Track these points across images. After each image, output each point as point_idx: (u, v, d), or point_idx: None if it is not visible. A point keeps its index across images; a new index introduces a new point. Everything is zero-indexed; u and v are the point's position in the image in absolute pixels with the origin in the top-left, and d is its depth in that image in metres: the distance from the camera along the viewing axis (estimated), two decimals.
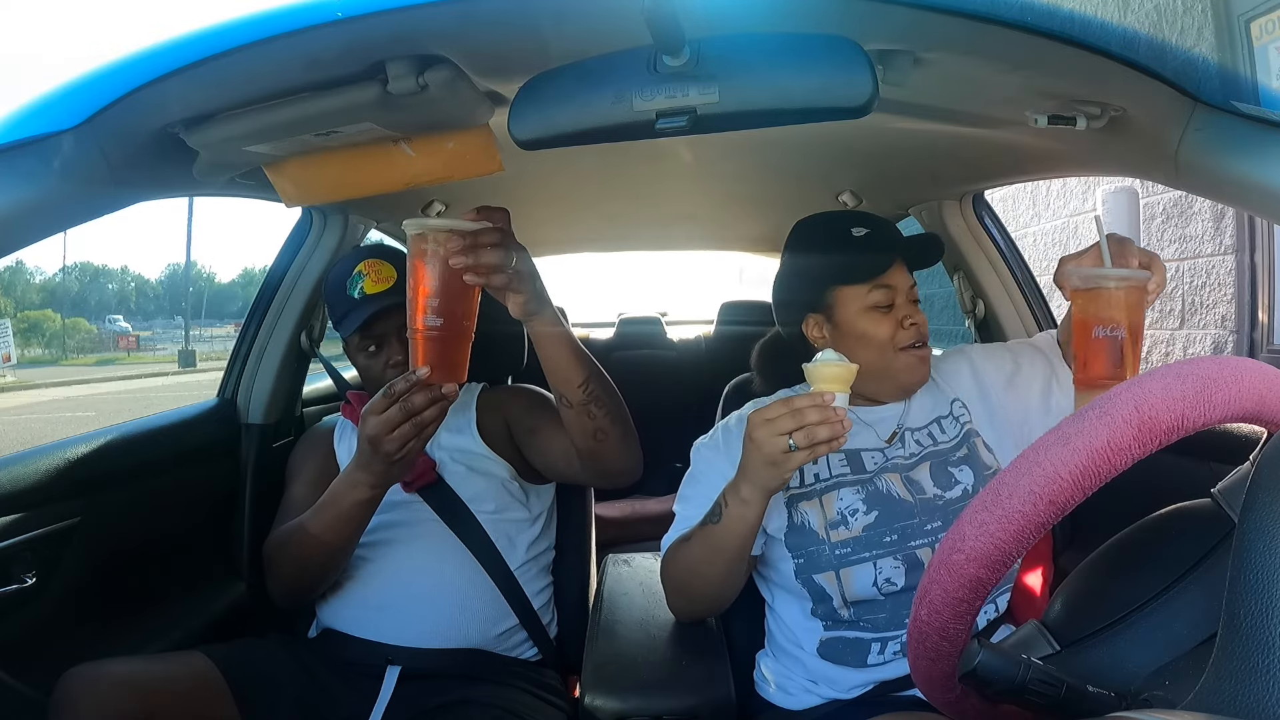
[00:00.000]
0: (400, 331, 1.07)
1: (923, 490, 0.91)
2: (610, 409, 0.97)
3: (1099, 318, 0.76)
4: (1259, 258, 2.29)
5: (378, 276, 1.09)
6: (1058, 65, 0.68)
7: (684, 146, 1.28)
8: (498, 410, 1.17)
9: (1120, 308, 0.75)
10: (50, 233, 0.70)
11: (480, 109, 0.78)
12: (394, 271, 1.10)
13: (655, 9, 0.54)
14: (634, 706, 0.89)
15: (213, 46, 0.63)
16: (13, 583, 0.91)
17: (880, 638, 0.89)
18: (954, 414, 0.98)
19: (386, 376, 1.08)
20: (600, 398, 0.96)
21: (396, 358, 1.09)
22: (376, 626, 1.02)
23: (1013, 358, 0.99)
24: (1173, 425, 0.40)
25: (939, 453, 0.94)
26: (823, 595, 0.90)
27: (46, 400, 13.83)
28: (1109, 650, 0.48)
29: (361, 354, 1.11)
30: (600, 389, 0.96)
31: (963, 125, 0.91)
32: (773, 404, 0.77)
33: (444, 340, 0.83)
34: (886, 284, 0.94)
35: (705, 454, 0.98)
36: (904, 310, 0.94)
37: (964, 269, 1.47)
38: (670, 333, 2.68)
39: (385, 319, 1.08)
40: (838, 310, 0.95)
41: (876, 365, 0.93)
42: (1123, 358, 0.75)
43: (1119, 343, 0.75)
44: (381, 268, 1.10)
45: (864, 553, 0.88)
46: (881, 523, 0.89)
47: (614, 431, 0.99)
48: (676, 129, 0.65)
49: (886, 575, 0.88)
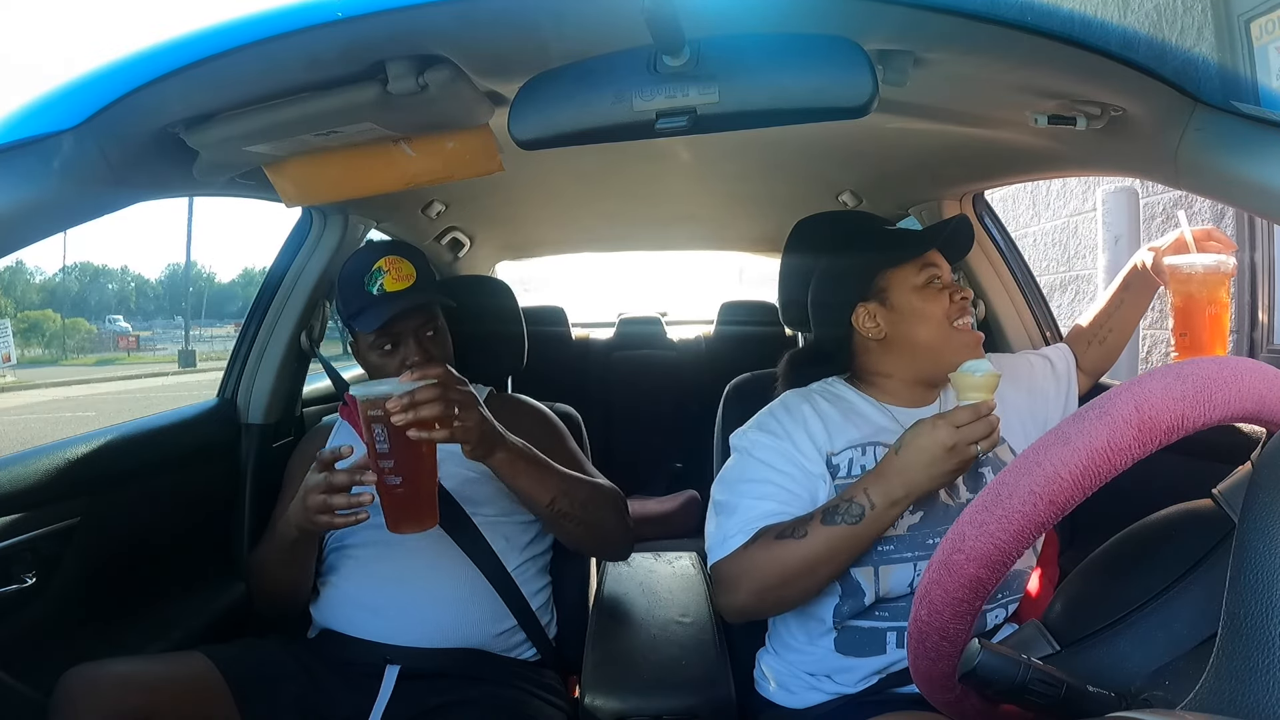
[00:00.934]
0: (418, 332, 1.09)
1: (959, 495, 0.91)
2: (583, 519, 1.00)
3: (1209, 299, 0.91)
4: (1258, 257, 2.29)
5: (398, 274, 1.08)
6: (1058, 65, 0.68)
7: (684, 146, 1.28)
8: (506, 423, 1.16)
9: (1225, 288, 0.91)
10: (50, 233, 0.70)
11: (480, 109, 0.78)
12: (413, 270, 1.09)
13: (655, 9, 0.54)
14: (634, 706, 0.89)
15: (213, 46, 0.63)
16: (13, 583, 0.91)
17: (896, 627, 0.89)
18: None
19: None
20: (569, 513, 0.98)
21: (413, 358, 1.08)
22: (374, 627, 1.02)
23: (1029, 367, 1.02)
24: (1173, 425, 0.40)
25: None
26: (856, 590, 0.89)
27: (47, 400, 13.83)
28: (1109, 650, 0.48)
29: (375, 352, 1.09)
30: (570, 504, 0.98)
31: (963, 125, 0.91)
32: (959, 411, 0.79)
33: (405, 496, 0.87)
34: (932, 263, 0.96)
35: (766, 442, 0.94)
36: (952, 287, 0.96)
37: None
38: (670, 333, 2.68)
39: (404, 319, 1.07)
40: (891, 294, 0.95)
41: (935, 342, 0.94)
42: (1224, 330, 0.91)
43: (1221, 317, 0.91)
44: (402, 265, 1.09)
45: (906, 553, 0.88)
46: (926, 524, 0.88)
47: (590, 537, 1.05)
48: (676, 129, 0.65)
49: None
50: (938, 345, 0.94)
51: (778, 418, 0.96)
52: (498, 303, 1.42)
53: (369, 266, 1.08)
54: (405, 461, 0.86)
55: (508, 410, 1.17)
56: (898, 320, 0.95)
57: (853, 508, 0.81)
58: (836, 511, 0.81)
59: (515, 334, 1.39)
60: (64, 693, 0.80)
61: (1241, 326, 2.33)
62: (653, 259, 4.89)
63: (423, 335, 1.10)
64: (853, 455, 0.93)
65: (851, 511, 0.80)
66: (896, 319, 0.95)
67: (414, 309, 1.07)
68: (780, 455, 0.92)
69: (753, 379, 1.25)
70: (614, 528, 1.06)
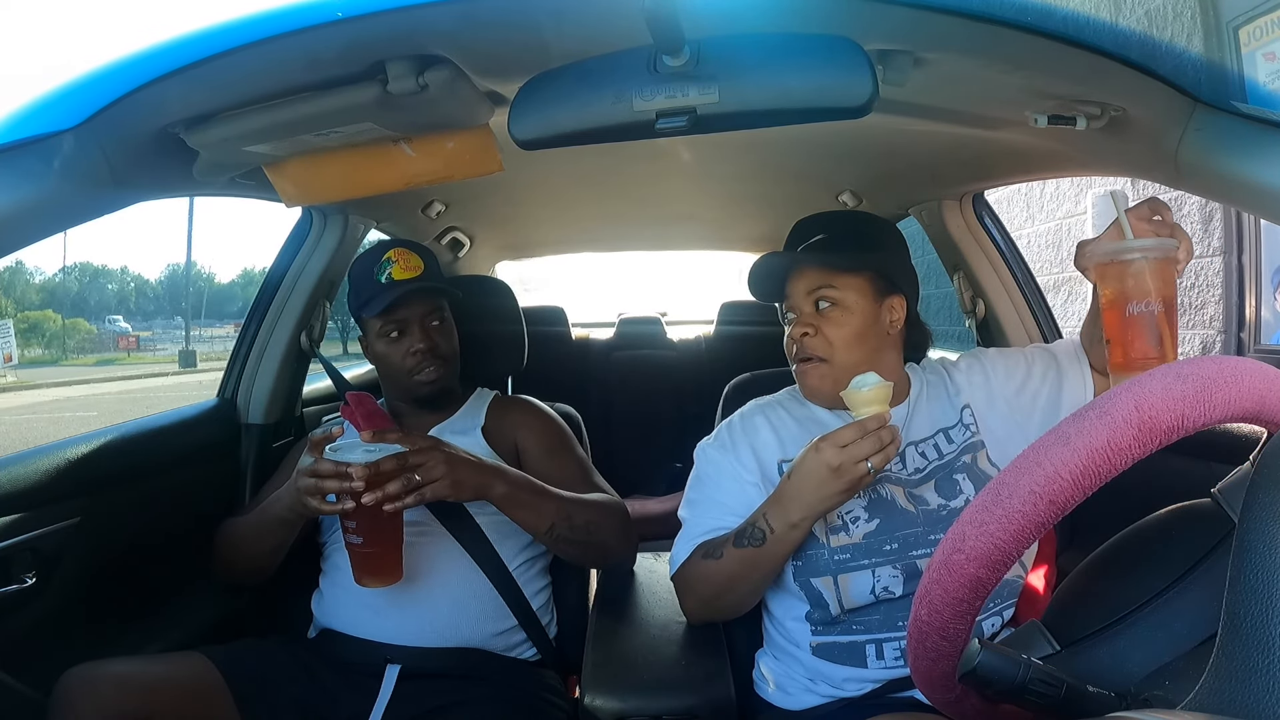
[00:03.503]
0: (424, 320, 1.12)
1: (926, 503, 0.90)
2: (581, 540, 1.01)
3: (1130, 293, 0.71)
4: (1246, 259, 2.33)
5: (406, 264, 1.11)
6: (1058, 65, 0.68)
7: (684, 146, 1.28)
8: (511, 427, 1.17)
9: (1151, 279, 0.70)
10: (50, 233, 0.70)
11: (480, 109, 0.78)
12: (421, 262, 1.12)
13: (655, 9, 0.54)
14: (634, 706, 0.89)
15: (213, 46, 0.63)
16: (13, 583, 0.91)
17: (874, 639, 0.88)
18: (963, 421, 0.96)
19: (406, 364, 1.11)
20: (567, 537, 0.99)
21: (418, 345, 1.11)
22: (374, 626, 1.02)
23: (1026, 364, 0.97)
24: (1173, 425, 0.40)
25: (944, 466, 0.93)
26: (819, 600, 0.89)
27: (48, 400, 13.84)
28: (1109, 650, 0.48)
29: (382, 340, 1.12)
30: (568, 529, 0.99)
31: (963, 125, 0.91)
32: (842, 430, 0.78)
33: (368, 555, 0.90)
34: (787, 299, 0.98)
35: (712, 455, 0.98)
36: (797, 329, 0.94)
37: (964, 269, 1.47)
38: (670, 333, 2.68)
39: (409, 305, 1.11)
40: None
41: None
42: (1160, 335, 0.70)
43: (1155, 318, 0.70)
44: (410, 256, 1.12)
45: (863, 559, 0.88)
46: (883, 531, 0.88)
47: (588, 556, 1.08)
48: (676, 129, 0.65)
49: (885, 584, 0.87)
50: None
51: (731, 430, 0.99)
52: (498, 303, 1.42)
53: (378, 258, 1.11)
54: (367, 524, 0.88)
55: (515, 412, 1.19)
56: None
57: (755, 532, 0.84)
58: (744, 535, 0.85)
59: (515, 334, 1.39)
60: (63, 693, 0.80)
61: (1229, 327, 2.35)
62: (653, 259, 4.90)
63: (429, 324, 1.13)
64: None
65: (754, 536, 0.84)
66: None
67: (420, 293, 1.10)
68: (720, 470, 0.96)
69: (753, 379, 1.25)
70: (614, 544, 1.07)
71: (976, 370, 0.99)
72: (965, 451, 0.94)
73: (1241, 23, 1.96)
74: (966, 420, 0.96)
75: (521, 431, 1.17)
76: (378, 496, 0.84)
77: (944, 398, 0.98)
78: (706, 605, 0.95)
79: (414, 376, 1.12)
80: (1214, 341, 2.40)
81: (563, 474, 1.10)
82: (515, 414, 1.19)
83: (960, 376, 0.99)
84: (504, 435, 1.16)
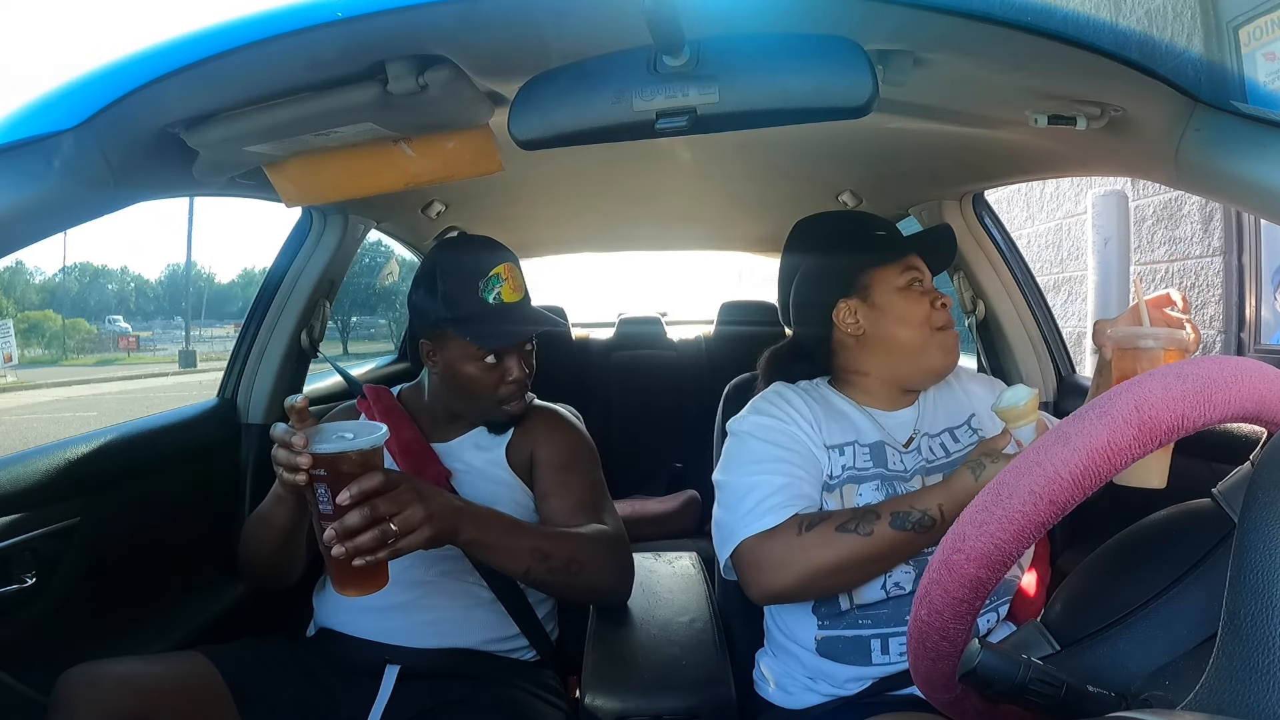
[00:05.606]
0: (521, 347, 1.05)
1: None
2: (561, 583, 0.93)
3: None
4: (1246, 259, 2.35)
5: (515, 284, 1.03)
6: (1058, 65, 0.68)
7: (683, 146, 1.28)
8: (530, 440, 1.11)
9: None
10: (50, 233, 0.70)
11: (480, 109, 0.78)
12: (523, 280, 1.06)
13: (655, 9, 0.54)
14: (634, 706, 0.89)
15: (213, 46, 0.63)
16: (13, 583, 0.91)
17: (880, 634, 0.88)
18: (971, 425, 0.98)
19: (500, 393, 1.05)
20: (546, 579, 0.92)
21: (515, 375, 1.05)
22: (373, 627, 1.02)
23: None
24: (1173, 425, 0.40)
25: (952, 463, 0.94)
26: (829, 596, 0.89)
27: (48, 400, 13.82)
28: (1109, 650, 0.48)
29: (475, 363, 1.03)
30: (547, 571, 0.91)
31: (963, 125, 0.91)
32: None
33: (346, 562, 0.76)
34: (915, 265, 0.97)
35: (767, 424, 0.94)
36: (933, 293, 0.96)
37: (964, 269, 1.47)
38: (670, 333, 2.68)
39: None
40: (874, 291, 0.96)
41: (912, 345, 0.94)
42: None
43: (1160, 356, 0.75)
44: (517, 274, 1.04)
45: None
46: None
47: (576, 595, 1.02)
48: (676, 129, 0.65)
49: (896, 579, 0.87)
50: (915, 348, 0.94)
51: (774, 402, 0.97)
52: None
53: (484, 270, 1.01)
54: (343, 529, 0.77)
55: (538, 424, 1.13)
56: (878, 318, 0.96)
57: (925, 518, 0.81)
58: (907, 517, 0.81)
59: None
60: (63, 693, 0.80)
61: (1229, 327, 2.37)
62: (653, 259, 4.90)
63: (524, 351, 1.07)
64: (833, 454, 0.93)
65: (924, 523, 0.81)
66: (877, 317, 0.96)
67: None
68: (783, 434, 0.93)
69: (753, 379, 1.25)
70: (601, 584, 1.00)
71: (988, 389, 1.03)
72: None
73: (1241, 23, 1.97)
74: (975, 425, 0.98)
75: (539, 444, 1.10)
76: (346, 551, 0.74)
77: (953, 400, 1.01)
78: (813, 581, 0.84)
79: (503, 405, 1.06)
80: (1214, 341, 2.41)
81: (566, 494, 1.05)
82: (538, 426, 1.13)
83: (974, 386, 1.03)
84: (521, 448, 1.10)
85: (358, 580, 0.78)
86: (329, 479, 0.75)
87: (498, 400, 1.06)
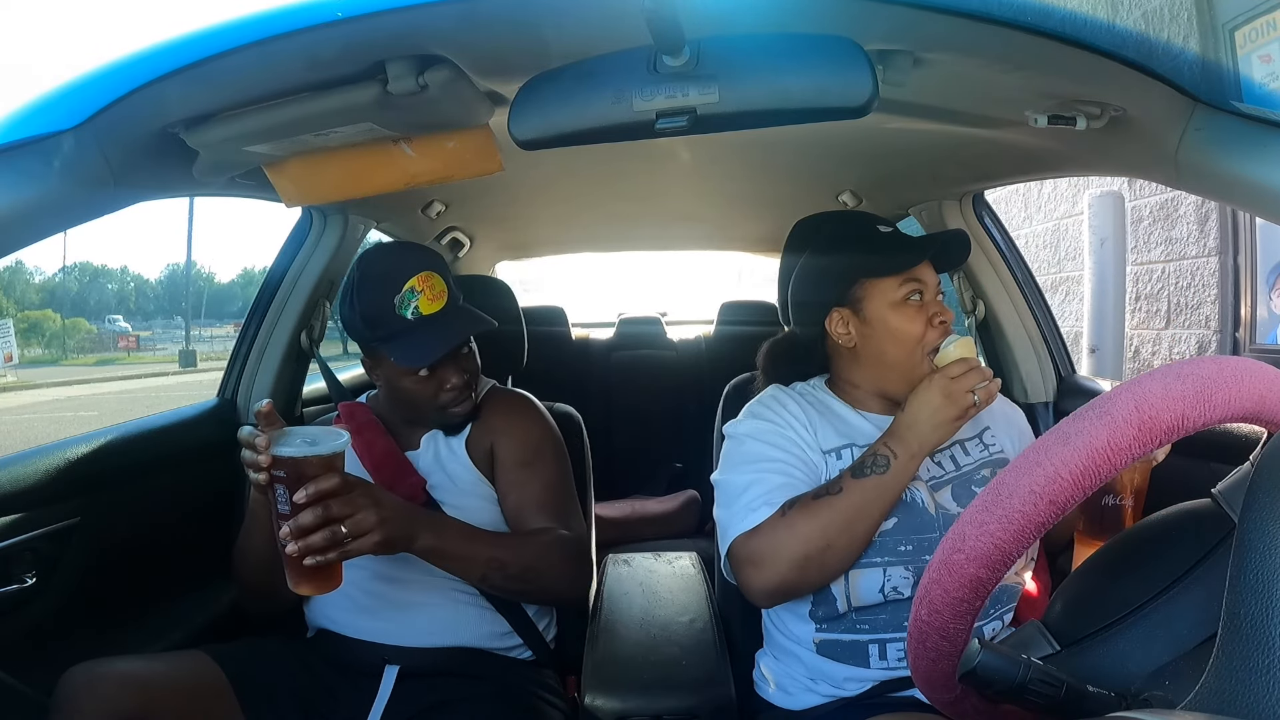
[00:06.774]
0: (455, 352, 1.01)
1: (945, 509, 0.90)
2: (518, 589, 0.96)
3: (1108, 489, 0.81)
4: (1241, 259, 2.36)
5: (433, 293, 0.98)
6: (1058, 65, 0.68)
7: (684, 146, 1.28)
8: (489, 432, 1.09)
9: (1128, 477, 0.81)
10: (50, 233, 0.70)
11: (480, 109, 0.78)
12: (444, 285, 1.00)
13: (655, 9, 0.54)
14: (634, 706, 0.89)
15: (213, 46, 0.63)
16: (13, 583, 0.91)
17: (878, 639, 0.88)
18: (983, 440, 0.97)
19: (440, 400, 1.03)
20: (501, 585, 0.95)
21: (453, 381, 1.02)
22: (369, 628, 1.01)
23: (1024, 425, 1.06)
24: (1173, 425, 0.40)
25: (961, 476, 0.93)
26: (826, 597, 0.89)
27: (48, 400, 13.83)
28: (1109, 650, 0.48)
29: (409, 378, 1.01)
30: (501, 577, 0.93)
31: (963, 125, 0.91)
32: (952, 365, 0.84)
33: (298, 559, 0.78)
34: (916, 278, 0.92)
35: (764, 428, 0.94)
36: (933, 307, 0.92)
37: (964, 269, 1.47)
38: (670, 333, 2.68)
39: None
40: (866, 305, 0.93)
41: (902, 364, 0.92)
42: (1124, 524, 0.81)
43: (1122, 510, 0.81)
44: (434, 281, 0.98)
45: (876, 557, 0.87)
46: (899, 530, 0.88)
47: (530, 598, 1.04)
48: (676, 129, 0.65)
49: (894, 584, 0.87)
50: (904, 368, 0.92)
51: (770, 407, 0.97)
52: (497, 303, 1.41)
53: (397, 286, 0.97)
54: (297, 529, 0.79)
55: (498, 415, 1.10)
56: (869, 333, 0.93)
57: (878, 460, 0.84)
58: (865, 465, 0.85)
59: (515, 334, 1.40)
60: (65, 692, 0.80)
61: (1225, 326, 2.38)
62: (653, 259, 4.90)
63: (460, 354, 1.03)
64: (829, 459, 0.93)
65: (878, 464, 0.84)
66: (868, 331, 0.93)
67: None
68: (780, 437, 0.93)
69: (753, 379, 1.25)
70: (556, 587, 1.00)
71: (1005, 407, 1.04)
72: (985, 466, 0.95)
73: (1237, 25, 1.98)
74: (988, 440, 0.98)
75: (499, 438, 1.08)
76: (298, 549, 0.76)
77: None
78: (806, 564, 0.83)
79: (447, 410, 1.04)
80: (1210, 341, 2.42)
81: (526, 492, 1.04)
82: (497, 417, 1.10)
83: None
84: (480, 442, 1.08)
85: (310, 579, 0.80)
86: (288, 480, 0.77)
87: (440, 408, 1.04)
